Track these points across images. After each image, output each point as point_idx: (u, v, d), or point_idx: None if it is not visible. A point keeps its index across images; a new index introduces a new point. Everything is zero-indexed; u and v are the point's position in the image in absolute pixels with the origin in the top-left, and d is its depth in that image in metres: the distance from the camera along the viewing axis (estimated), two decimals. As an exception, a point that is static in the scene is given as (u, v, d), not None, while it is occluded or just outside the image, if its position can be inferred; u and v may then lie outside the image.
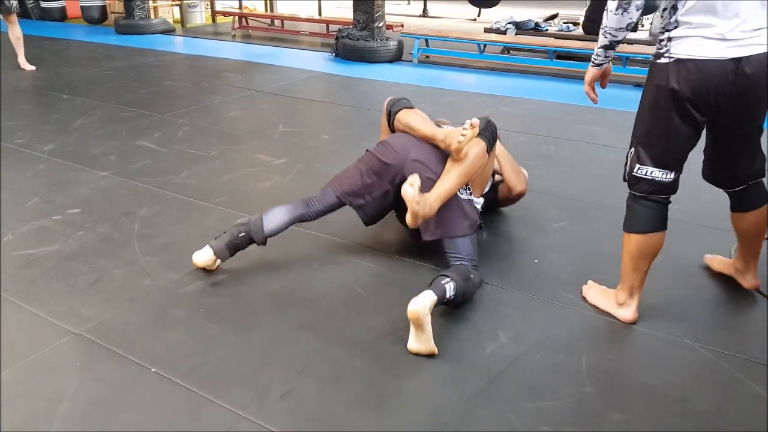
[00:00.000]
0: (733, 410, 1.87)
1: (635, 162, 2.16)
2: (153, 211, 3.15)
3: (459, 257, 2.40)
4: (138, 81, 6.13)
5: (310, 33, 9.17)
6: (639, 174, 2.16)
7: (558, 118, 4.96)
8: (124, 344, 2.12)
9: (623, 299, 2.29)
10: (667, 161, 2.12)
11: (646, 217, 2.20)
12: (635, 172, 2.16)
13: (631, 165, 2.19)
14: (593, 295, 2.42)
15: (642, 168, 2.14)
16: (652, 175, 2.13)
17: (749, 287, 2.48)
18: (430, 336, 2.08)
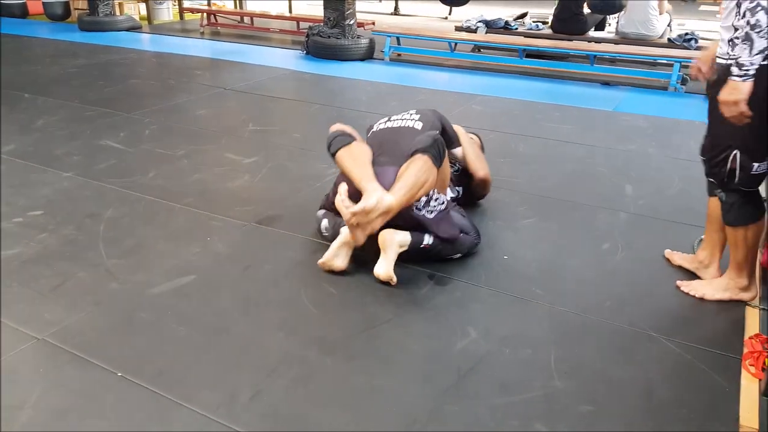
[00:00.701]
0: (697, 400, 1.91)
1: (750, 161, 2.23)
2: (119, 212, 3.10)
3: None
4: (103, 79, 6.02)
5: (280, 30, 9.10)
6: (758, 171, 2.25)
7: (527, 116, 5.00)
8: (89, 349, 2.08)
9: (746, 283, 2.42)
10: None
11: (758, 204, 2.34)
12: (755, 171, 2.24)
13: (747, 166, 2.24)
14: (710, 291, 2.46)
15: (761, 165, 2.24)
16: (762, 169, 2.25)
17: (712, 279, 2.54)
18: (391, 264, 2.43)
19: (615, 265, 2.70)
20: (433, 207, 2.55)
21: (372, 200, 2.32)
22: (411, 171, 2.44)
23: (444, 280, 2.53)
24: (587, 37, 7.28)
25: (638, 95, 5.92)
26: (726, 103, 2.14)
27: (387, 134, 2.82)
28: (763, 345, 2.10)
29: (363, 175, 2.47)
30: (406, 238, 2.49)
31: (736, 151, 2.24)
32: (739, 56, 2.07)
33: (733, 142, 2.24)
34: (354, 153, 2.60)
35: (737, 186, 2.29)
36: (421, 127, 2.79)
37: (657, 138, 4.44)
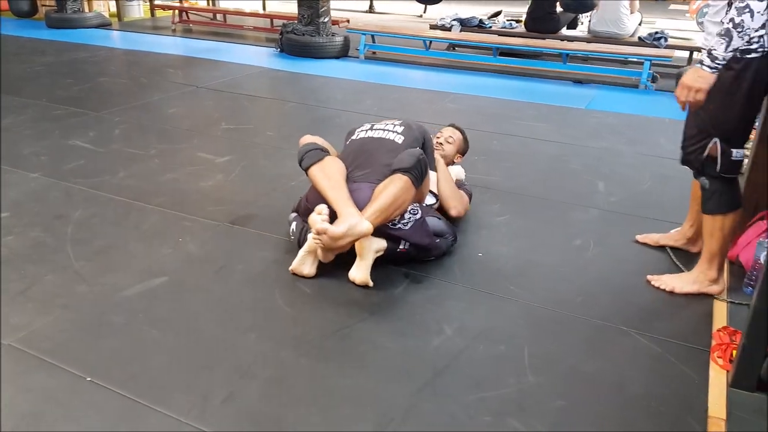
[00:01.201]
0: (667, 392, 1.94)
1: (730, 148, 2.30)
2: (88, 213, 3.05)
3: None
4: (71, 77, 5.92)
5: (254, 28, 9.03)
6: (737, 157, 2.31)
7: (501, 114, 5.03)
8: (57, 353, 2.03)
9: (716, 276, 2.48)
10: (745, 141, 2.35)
11: (737, 193, 2.42)
12: (734, 157, 2.31)
13: (727, 152, 2.30)
14: (679, 285, 2.52)
15: (739, 151, 2.31)
16: (740, 156, 2.32)
17: (698, 252, 2.64)
18: (368, 269, 2.41)
19: (587, 261, 2.72)
20: (408, 219, 2.53)
21: (341, 229, 2.30)
22: (389, 192, 2.42)
23: (419, 278, 2.53)
24: (560, 35, 7.35)
25: (610, 93, 5.99)
26: (689, 87, 2.23)
27: (366, 144, 2.78)
28: (731, 337, 2.15)
29: (338, 198, 2.44)
30: (382, 244, 2.49)
31: (716, 138, 2.30)
32: (715, 49, 2.15)
33: (714, 130, 2.30)
34: (327, 171, 2.56)
35: (719, 173, 2.34)
36: (402, 141, 2.75)
37: (628, 135, 4.50)
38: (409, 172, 2.46)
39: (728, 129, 2.29)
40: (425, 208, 2.69)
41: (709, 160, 2.34)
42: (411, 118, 3.00)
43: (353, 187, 2.54)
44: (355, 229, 2.32)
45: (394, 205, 2.42)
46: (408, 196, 2.46)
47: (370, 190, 2.50)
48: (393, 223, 2.49)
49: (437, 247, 2.63)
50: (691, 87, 2.22)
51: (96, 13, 9.33)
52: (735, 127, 2.29)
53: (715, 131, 2.30)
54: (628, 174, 3.74)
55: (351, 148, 2.82)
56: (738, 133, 2.31)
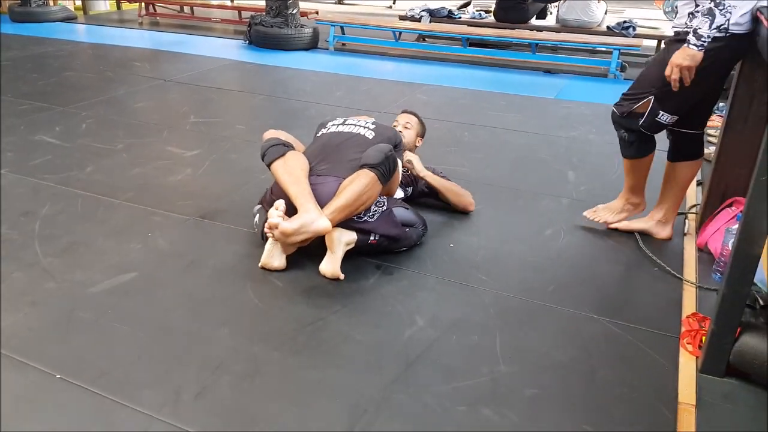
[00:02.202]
0: (638, 379, 1.97)
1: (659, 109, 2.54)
2: (55, 209, 3.00)
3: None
4: (36, 72, 5.79)
5: (221, 20, 8.93)
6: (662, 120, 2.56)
7: (471, 105, 5.05)
8: (25, 351, 2.00)
9: (638, 200, 2.89)
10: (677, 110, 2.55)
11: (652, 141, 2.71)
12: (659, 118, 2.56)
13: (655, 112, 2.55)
14: (611, 216, 2.91)
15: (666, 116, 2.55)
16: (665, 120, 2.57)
17: (666, 238, 2.84)
18: (338, 262, 2.42)
19: (558, 250, 2.76)
20: (374, 211, 2.53)
21: (293, 225, 2.30)
22: (353, 188, 2.42)
23: (391, 270, 2.54)
24: (529, 25, 7.40)
25: (579, 82, 6.06)
26: (679, 66, 2.35)
27: (335, 138, 2.76)
28: (700, 323, 2.19)
29: (298, 193, 2.42)
30: (353, 236, 2.49)
31: (651, 96, 2.53)
32: (699, 27, 2.28)
33: (653, 89, 2.52)
34: (289, 166, 2.53)
35: (638, 127, 2.61)
36: (372, 137, 2.74)
37: (597, 124, 4.55)
38: (376, 168, 2.46)
39: (666, 92, 2.46)
40: (392, 199, 2.70)
41: (633, 115, 2.60)
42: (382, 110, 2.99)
43: (318, 180, 2.53)
44: (310, 226, 2.32)
45: (358, 201, 2.42)
46: (373, 192, 2.46)
47: (336, 183, 2.49)
48: (359, 216, 2.49)
49: (407, 237, 2.64)
50: (680, 65, 2.34)
51: (61, 6, 9.14)
52: (672, 93, 2.44)
53: (654, 90, 2.51)
54: (597, 163, 3.79)
55: (320, 141, 2.80)
56: (673, 100, 2.49)
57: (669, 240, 2.82)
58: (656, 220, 2.86)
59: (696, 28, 2.28)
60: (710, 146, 4.11)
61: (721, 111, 4.99)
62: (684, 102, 2.51)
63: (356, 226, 2.50)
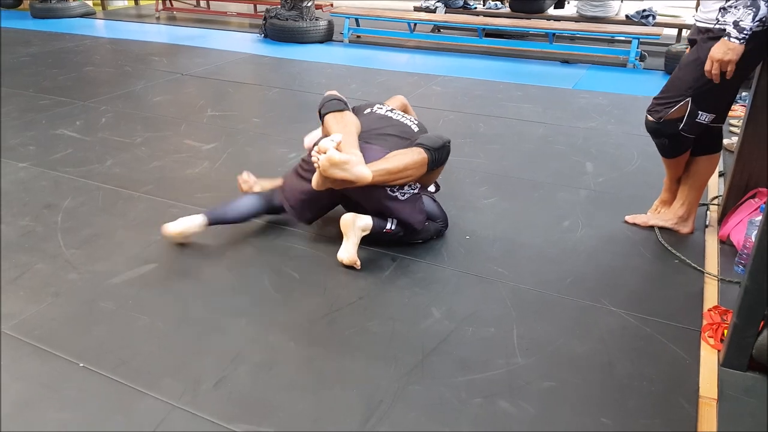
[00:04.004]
0: (657, 373, 1.95)
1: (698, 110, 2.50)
2: (76, 202, 3.04)
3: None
4: (57, 67, 5.86)
5: (237, 14, 8.96)
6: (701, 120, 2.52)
7: (487, 96, 5.03)
8: (49, 340, 2.04)
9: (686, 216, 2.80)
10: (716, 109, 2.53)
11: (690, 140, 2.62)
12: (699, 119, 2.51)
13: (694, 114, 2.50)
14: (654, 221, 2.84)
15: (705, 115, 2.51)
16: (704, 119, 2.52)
17: (688, 233, 2.79)
18: (354, 249, 2.43)
19: (575, 242, 2.74)
20: (406, 190, 2.52)
21: (342, 156, 2.24)
22: (402, 158, 2.39)
23: (407, 262, 2.54)
24: (546, 15, 7.34)
25: (597, 72, 6.00)
26: (720, 60, 2.31)
27: (383, 120, 2.72)
28: (722, 317, 2.16)
29: (348, 141, 2.40)
30: (368, 222, 2.48)
31: (689, 98, 2.47)
32: (741, 20, 2.23)
33: (689, 90, 2.47)
34: (344, 120, 2.53)
35: (678, 131, 2.55)
36: (417, 130, 2.72)
37: (616, 115, 4.52)
38: (431, 151, 2.44)
39: (703, 92, 2.44)
40: (424, 189, 2.69)
41: (670, 119, 2.54)
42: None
43: (365, 147, 2.48)
44: (355, 166, 2.27)
45: (402, 173, 2.39)
46: (418, 171, 2.44)
47: (382, 153, 2.46)
48: (392, 189, 2.46)
49: (426, 230, 2.64)
50: (722, 60, 2.30)
51: (80, 2, 9.23)
52: (710, 92, 2.43)
53: (691, 92, 2.46)
54: (616, 154, 3.76)
55: (369, 117, 2.74)
56: (710, 99, 2.46)
57: (691, 233, 2.79)
58: (678, 216, 2.81)
59: (738, 21, 2.24)
60: (733, 137, 4.07)
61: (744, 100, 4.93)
62: (722, 99, 2.48)
63: (384, 202, 2.47)
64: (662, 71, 5.95)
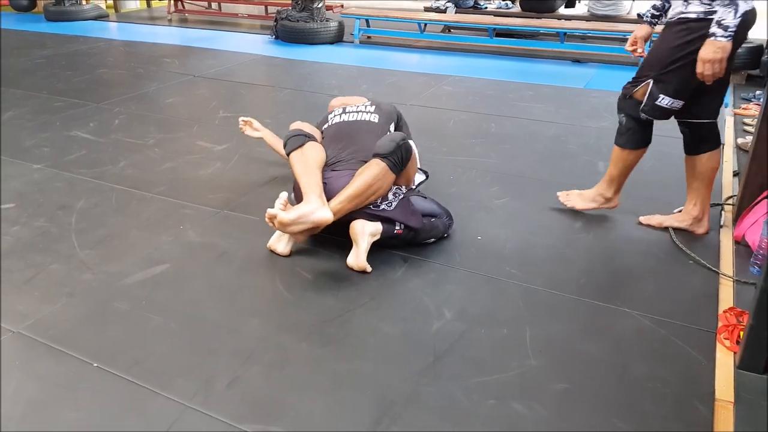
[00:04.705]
0: (672, 375, 1.93)
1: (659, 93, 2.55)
2: (90, 203, 3.06)
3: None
4: (71, 69, 5.91)
5: (248, 15, 9.00)
6: (662, 104, 2.56)
7: (498, 96, 5.01)
8: (64, 340, 2.06)
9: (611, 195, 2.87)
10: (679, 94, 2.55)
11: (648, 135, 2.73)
12: (659, 102, 2.56)
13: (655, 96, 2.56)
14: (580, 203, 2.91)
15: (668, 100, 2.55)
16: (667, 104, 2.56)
17: (704, 233, 2.78)
18: (364, 254, 2.43)
19: (588, 242, 2.73)
20: (390, 200, 2.53)
21: (290, 216, 2.30)
22: (363, 178, 2.43)
23: (418, 263, 2.54)
24: (557, 14, 7.31)
25: (609, 71, 5.97)
26: (711, 61, 2.34)
27: (343, 129, 2.77)
28: (737, 318, 2.14)
29: (307, 184, 2.44)
30: (378, 227, 2.49)
31: (650, 80, 2.54)
32: (723, 18, 2.28)
33: (651, 72, 2.54)
34: (306, 156, 2.55)
35: (640, 111, 2.60)
36: (377, 119, 2.76)
37: (627, 115, 4.48)
38: (387, 157, 2.46)
39: (664, 74, 2.50)
40: (410, 189, 2.69)
41: (633, 99, 2.61)
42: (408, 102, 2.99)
43: (333, 175, 2.54)
44: (309, 216, 2.32)
45: (368, 191, 2.42)
46: (385, 182, 2.46)
47: (350, 176, 2.50)
48: (375, 205, 2.49)
49: (433, 227, 2.63)
50: (713, 59, 2.34)
51: (93, 5, 9.31)
52: (671, 76, 2.49)
53: (653, 74, 2.53)
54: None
55: (329, 135, 2.80)
56: (672, 83, 2.50)
57: (707, 234, 2.76)
58: (693, 217, 2.77)
59: (720, 20, 2.27)
60: (747, 136, 4.03)
61: (758, 99, 4.89)
62: (683, 85, 2.49)
63: (377, 214, 2.50)
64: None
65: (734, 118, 4.49)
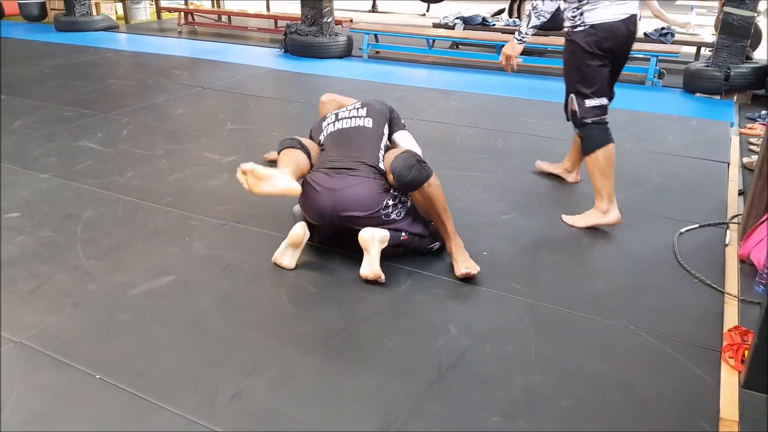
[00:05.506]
0: (677, 394, 1.92)
1: (583, 99, 2.92)
2: (97, 213, 3.07)
3: None
4: (80, 80, 5.95)
5: (258, 29, 9.06)
6: (592, 105, 2.91)
7: (505, 112, 5.02)
8: (67, 351, 2.05)
9: (606, 207, 2.96)
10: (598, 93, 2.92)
11: (605, 133, 2.96)
12: (588, 105, 2.91)
13: (581, 103, 2.92)
14: (580, 221, 3.01)
15: (593, 100, 2.91)
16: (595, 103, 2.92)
17: (574, 182, 3.50)
18: (377, 262, 2.42)
19: (594, 259, 2.72)
20: (400, 209, 2.56)
21: (267, 171, 2.39)
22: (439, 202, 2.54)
23: (423, 278, 2.54)
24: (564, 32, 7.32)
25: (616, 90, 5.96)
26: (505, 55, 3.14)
27: (339, 138, 2.76)
28: (742, 337, 2.13)
29: (286, 164, 2.53)
30: (386, 234, 2.49)
31: (572, 95, 2.95)
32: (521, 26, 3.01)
33: (569, 87, 2.97)
34: (294, 154, 2.61)
35: (582, 120, 2.94)
36: (371, 124, 2.79)
37: (635, 132, 4.49)
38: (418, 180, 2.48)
39: (574, 85, 2.92)
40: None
41: (573, 113, 2.96)
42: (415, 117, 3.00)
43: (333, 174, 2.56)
44: (280, 180, 2.39)
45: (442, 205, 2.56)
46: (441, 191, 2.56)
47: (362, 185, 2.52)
48: (387, 216, 2.52)
49: (432, 233, 2.66)
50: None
51: (104, 16, 9.39)
52: (579, 84, 2.89)
53: (569, 88, 2.96)
54: (634, 172, 3.73)
55: (327, 144, 2.79)
56: (584, 88, 2.88)
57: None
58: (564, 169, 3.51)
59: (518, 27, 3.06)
60: (752, 155, 4.02)
61: (764, 119, 4.89)
62: (593, 85, 2.87)
63: (386, 227, 2.52)
64: (681, 89, 5.92)
65: (740, 138, 4.49)
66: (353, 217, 2.51)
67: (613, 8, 2.78)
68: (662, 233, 2.92)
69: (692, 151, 4.07)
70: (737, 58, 5.53)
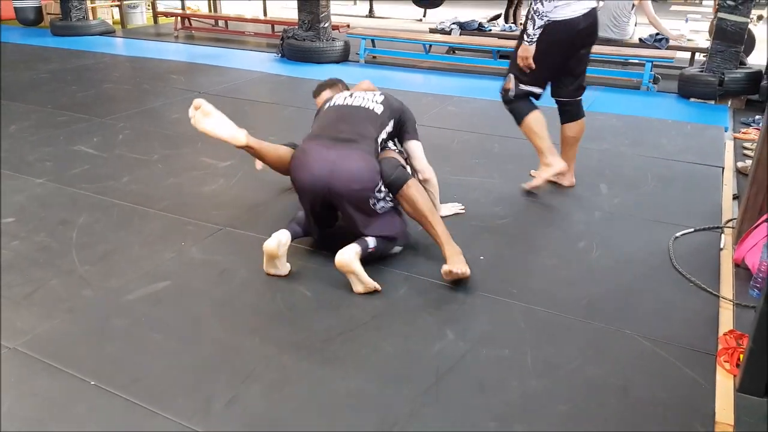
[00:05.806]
0: (673, 397, 1.93)
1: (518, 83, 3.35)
2: (92, 218, 3.06)
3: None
4: (76, 84, 5.95)
5: (255, 34, 9.07)
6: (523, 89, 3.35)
7: (501, 117, 4.95)
8: (61, 357, 2.04)
9: (549, 160, 3.32)
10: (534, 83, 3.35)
11: (529, 103, 3.40)
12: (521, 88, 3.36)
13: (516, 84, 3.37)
14: (536, 182, 3.36)
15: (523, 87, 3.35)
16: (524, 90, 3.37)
17: (569, 185, 3.52)
18: (365, 277, 2.40)
19: (590, 263, 2.72)
20: (382, 205, 2.58)
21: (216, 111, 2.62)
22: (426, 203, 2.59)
23: (420, 282, 2.53)
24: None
25: (611, 95, 6.00)
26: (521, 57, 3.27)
27: (342, 111, 2.78)
28: (737, 341, 2.13)
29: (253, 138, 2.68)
30: (356, 248, 2.45)
31: (511, 74, 3.35)
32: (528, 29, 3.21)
33: (511, 70, 3.38)
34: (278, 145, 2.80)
35: (512, 97, 3.38)
36: (381, 111, 2.77)
37: (630, 136, 4.50)
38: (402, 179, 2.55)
39: (517, 70, 3.30)
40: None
41: (506, 91, 3.38)
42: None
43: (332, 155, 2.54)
44: (228, 127, 2.60)
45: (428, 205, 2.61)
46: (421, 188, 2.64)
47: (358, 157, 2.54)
48: (373, 203, 2.54)
49: (402, 234, 2.68)
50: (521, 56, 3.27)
51: (100, 20, 9.39)
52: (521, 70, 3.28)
53: (512, 70, 3.36)
54: (630, 175, 3.74)
55: (328, 114, 2.80)
56: (526, 75, 3.29)
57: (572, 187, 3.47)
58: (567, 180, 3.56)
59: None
60: (747, 159, 4.04)
61: (758, 123, 4.90)
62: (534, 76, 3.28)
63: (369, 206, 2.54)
64: (675, 94, 5.94)
65: (734, 142, 4.50)
66: (346, 190, 2.49)
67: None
68: (657, 237, 2.93)
69: (687, 155, 4.08)
70: (731, 64, 5.55)
